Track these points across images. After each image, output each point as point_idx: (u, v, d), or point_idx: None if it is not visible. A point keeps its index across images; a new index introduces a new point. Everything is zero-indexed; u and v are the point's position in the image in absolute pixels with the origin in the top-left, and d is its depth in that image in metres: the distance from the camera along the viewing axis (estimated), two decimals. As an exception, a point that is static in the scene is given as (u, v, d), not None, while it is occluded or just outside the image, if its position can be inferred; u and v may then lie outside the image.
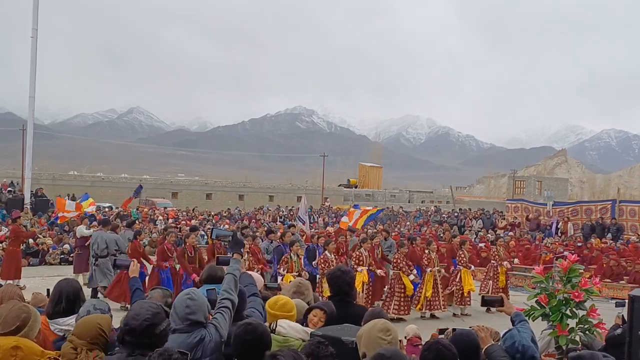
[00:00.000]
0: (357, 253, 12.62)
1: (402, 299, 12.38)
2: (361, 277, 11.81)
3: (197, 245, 13.09)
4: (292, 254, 11.93)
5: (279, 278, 11.62)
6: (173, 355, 2.84)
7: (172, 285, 11.70)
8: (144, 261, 12.78)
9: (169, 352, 2.87)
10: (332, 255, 12.10)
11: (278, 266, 12.21)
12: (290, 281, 10.16)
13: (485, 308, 13.83)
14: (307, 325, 4.38)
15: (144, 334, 3.26)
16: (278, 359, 3.02)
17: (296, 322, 4.37)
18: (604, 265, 17.53)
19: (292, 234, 14.45)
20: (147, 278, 12.24)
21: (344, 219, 19.66)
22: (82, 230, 16.05)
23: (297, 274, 11.53)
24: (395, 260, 12.78)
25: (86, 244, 15.87)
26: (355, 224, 18.14)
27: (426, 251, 13.41)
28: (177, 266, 12.37)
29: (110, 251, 13.55)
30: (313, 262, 12.88)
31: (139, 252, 12.77)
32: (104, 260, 13.53)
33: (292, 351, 3.15)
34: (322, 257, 12.13)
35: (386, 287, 13.20)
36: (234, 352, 3.47)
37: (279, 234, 14.70)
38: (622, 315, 6.41)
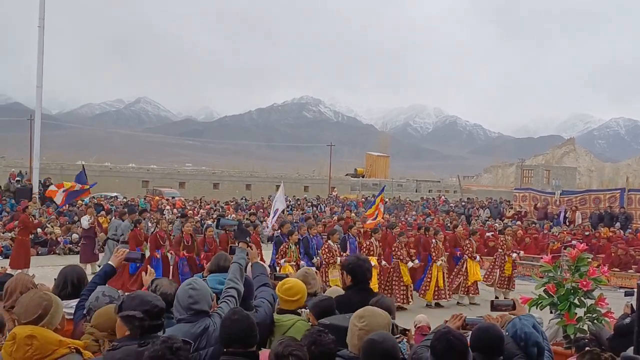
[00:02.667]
0: (368, 243, 12.61)
1: (401, 288, 12.40)
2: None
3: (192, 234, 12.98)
4: (290, 244, 11.91)
5: (277, 268, 11.67)
6: (177, 343, 2.82)
7: (162, 274, 11.80)
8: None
9: (172, 340, 2.85)
10: (336, 245, 12.07)
11: (277, 256, 12.22)
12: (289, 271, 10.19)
13: (494, 296, 13.88)
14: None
15: (166, 312, 3.31)
16: (295, 355, 3.02)
17: (302, 308, 4.41)
18: (613, 254, 17.47)
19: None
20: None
21: (369, 220, 17.94)
22: (84, 221, 16.21)
23: (294, 263, 11.54)
24: (394, 249, 12.78)
25: (93, 235, 16.04)
26: (380, 216, 17.31)
27: (433, 241, 13.40)
28: (169, 255, 12.43)
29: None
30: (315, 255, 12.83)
31: (139, 239, 12.81)
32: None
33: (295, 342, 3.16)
34: (325, 246, 12.12)
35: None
36: (222, 344, 3.43)
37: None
38: (631, 304, 6.37)
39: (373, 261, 11.88)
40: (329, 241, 12.22)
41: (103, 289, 4.24)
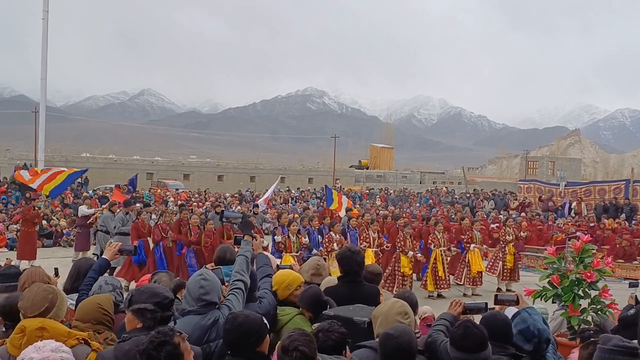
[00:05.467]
0: (366, 234, 12.59)
1: (400, 278, 12.41)
2: (369, 259, 11.79)
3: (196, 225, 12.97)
4: (290, 234, 11.89)
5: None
6: (161, 338, 2.77)
7: (166, 264, 11.95)
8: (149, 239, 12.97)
9: (157, 335, 2.80)
10: (337, 236, 12.08)
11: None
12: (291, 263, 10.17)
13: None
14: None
15: (169, 306, 3.36)
16: (301, 350, 2.97)
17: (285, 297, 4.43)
18: (617, 245, 17.42)
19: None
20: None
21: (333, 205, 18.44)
22: (83, 209, 16.29)
23: (296, 254, 11.54)
24: (397, 241, 12.78)
25: (87, 223, 16.15)
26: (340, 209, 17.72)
27: (435, 232, 13.39)
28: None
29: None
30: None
31: (141, 231, 12.87)
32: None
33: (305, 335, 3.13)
34: (326, 237, 12.15)
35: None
36: (225, 346, 3.39)
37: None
38: (635, 296, 6.37)
39: (370, 253, 11.86)
40: (330, 232, 12.23)
41: (105, 278, 4.30)
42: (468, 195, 35.04)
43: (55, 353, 2.79)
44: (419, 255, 12.95)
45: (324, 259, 11.85)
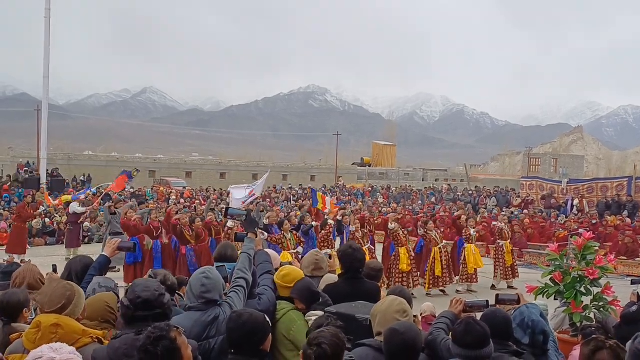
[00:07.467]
0: (352, 231, 12.62)
1: (397, 276, 12.39)
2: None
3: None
4: (284, 234, 11.88)
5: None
6: (157, 333, 2.77)
7: (160, 264, 12.10)
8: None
9: (154, 331, 2.81)
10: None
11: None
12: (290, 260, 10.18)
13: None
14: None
15: (157, 304, 3.32)
16: (323, 348, 2.95)
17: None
18: (620, 242, 17.42)
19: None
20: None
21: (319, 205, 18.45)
22: (74, 207, 16.45)
23: (294, 252, 11.55)
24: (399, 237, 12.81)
25: (79, 222, 16.25)
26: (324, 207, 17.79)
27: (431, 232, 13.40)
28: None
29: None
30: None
31: (132, 229, 12.88)
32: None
33: (333, 334, 3.09)
34: (320, 236, 12.18)
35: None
36: (229, 344, 3.41)
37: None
38: (638, 292, 6.36)
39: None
40: (323, 231, 12.28)
41: (99, 280, 4.29)
42: (470, 192, 35.02)
43: (76, 356, 2.83)
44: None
45: (330, 256, 11.86)
